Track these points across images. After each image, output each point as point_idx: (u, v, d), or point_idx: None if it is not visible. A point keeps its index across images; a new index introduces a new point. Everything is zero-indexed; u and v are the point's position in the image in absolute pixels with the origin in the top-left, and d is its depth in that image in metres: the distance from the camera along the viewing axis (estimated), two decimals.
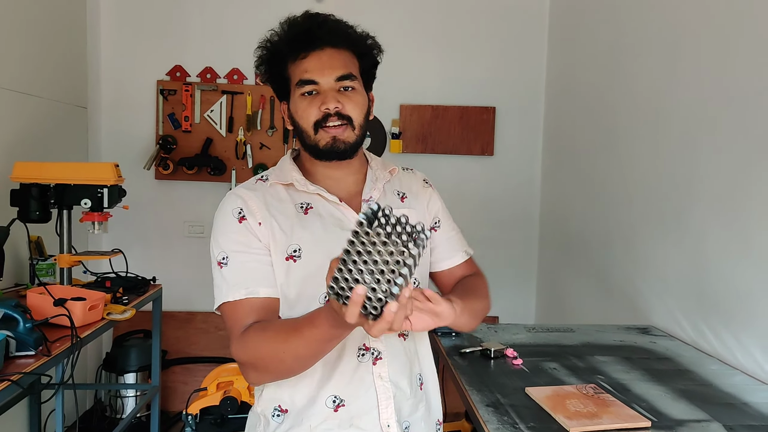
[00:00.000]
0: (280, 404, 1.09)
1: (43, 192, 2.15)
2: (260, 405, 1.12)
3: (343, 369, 1.07)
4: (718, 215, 1.77)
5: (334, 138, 1.07)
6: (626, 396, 1.41)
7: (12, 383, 1.44)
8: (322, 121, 1.06)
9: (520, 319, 3.32)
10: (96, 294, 1.98)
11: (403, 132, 3.28)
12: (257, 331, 1.00)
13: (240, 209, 1.08)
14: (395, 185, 1.20)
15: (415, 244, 0.75)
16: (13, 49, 2.43)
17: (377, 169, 1.18)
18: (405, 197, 1.20)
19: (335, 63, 1.07)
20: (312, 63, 1.06)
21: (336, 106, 1.05)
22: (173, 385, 3.24)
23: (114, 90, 3.22)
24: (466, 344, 1.76)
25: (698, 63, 1.89)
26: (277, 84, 1.13)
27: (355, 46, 1.11)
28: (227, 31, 3.21)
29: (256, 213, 1.08)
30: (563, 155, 3.09)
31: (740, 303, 1.67)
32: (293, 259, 1.06)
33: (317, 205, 1.11)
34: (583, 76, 2.85)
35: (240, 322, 1.02)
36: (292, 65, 1.09)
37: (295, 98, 1.09)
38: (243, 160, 3.24)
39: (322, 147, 1.08)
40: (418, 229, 0.76)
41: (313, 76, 1.06)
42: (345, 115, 1.07)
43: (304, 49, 1.07)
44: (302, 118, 1.08)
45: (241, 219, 1.08)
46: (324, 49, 1.07)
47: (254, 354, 0.99)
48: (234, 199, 1.10)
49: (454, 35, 3.29)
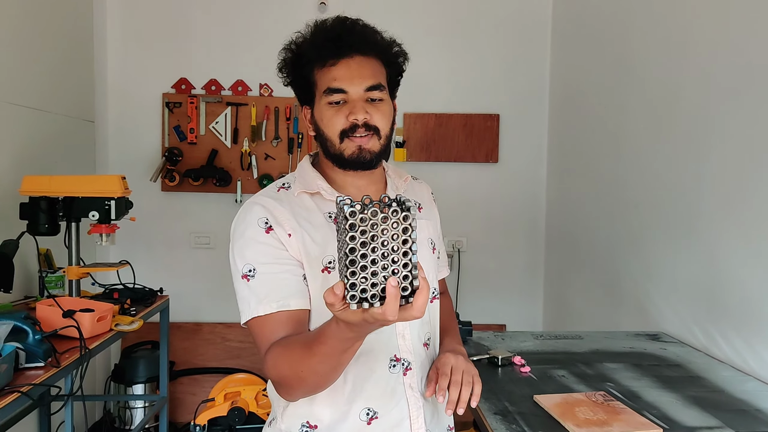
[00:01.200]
0: (309, 420, 1.05)
1: (51, 205, 2.17)
2: (284, 422, 1.08)
3: (376, 381, 1.05)
4: (728, 219, 1.76)
5: (360, 147, 1.04)
6: (637, 403, 1.39)
7: (22, 395, 1.44)
8: (349, 131, 1.04)
9: (528, 326, 3.30)
10: (104, 305, 1.99)
11: (407, 140, 3.29)
12: (279, 349, 0.96)
13: (266, 219, 1.04)
14: (410, 195, 1.20)
15: (409, 211, 0.71)
16: (22, 65, 2.46)
17: (395, 177, 1.18)
18: (421, 207, 1.20)
19: (365, 72, 1.05)
20: (341, 71, 1.04)
21: (365, 117, 1.04)
22: (181, 396, 3.24)
23: (120, 103, 3.25)
24: (473, 352, 1.75)
25: (706, 66, 1.89)
26: (301, 88, 1.10)
27: (383, 54, 1.09)
28: (231, 44, 3.24)
29: (284, 224, 1.04)
30: (568, 161, 3.08)
31: (752, 308, 1.66)
32: (328, 271, 1.03)
33: None
34: (587, 82, 2.85)
35: (269, 337, 0.98)
36: (319, 71, 1.06)
37: (321, 105, 1.06)
38: (248, 170, 3.25)
39: (348, 156, 1.05)
40: (401, 200, 0.72)
41: (342, 84, 1.04)
42: (372, 126, 1.05)
43: (333, 55, 1.04)
44: (328, 127, 1.06)
45: (268, 229, 1.03)
46: (353, 57, 1.04)
47: (278, 373, 0.95)
48: (258, 209, 1.05)
49: (457, 43, 3.31)
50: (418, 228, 1.03)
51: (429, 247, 1.16)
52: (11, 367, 1.49)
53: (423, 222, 1.16)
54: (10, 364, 1.48)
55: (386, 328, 0.91)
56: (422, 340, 1.11)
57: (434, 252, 1.18)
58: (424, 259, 1.11)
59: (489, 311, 3.33)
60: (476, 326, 1.95)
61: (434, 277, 1.18)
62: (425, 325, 1.12)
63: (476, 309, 3.25)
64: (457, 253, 3.32)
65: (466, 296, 3.32)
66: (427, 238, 1.17)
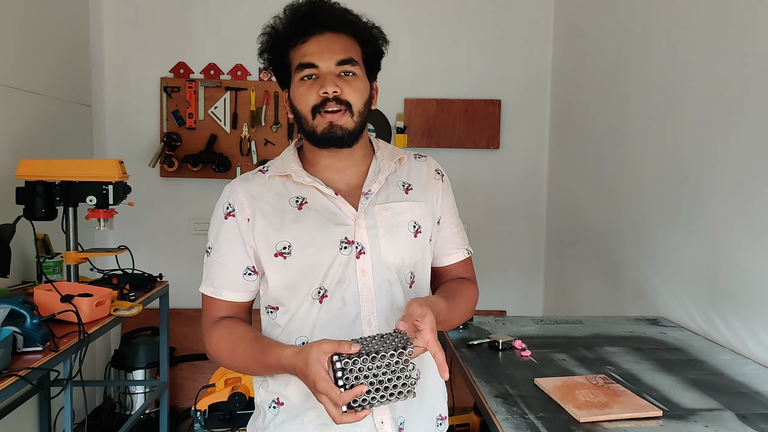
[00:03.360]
0: (278, 397, 1.10)
1: (48, 189, 2.15)
2: (259, 396, 1.15)
3: None
4: (729, 204, 1.75)
5: (331, 123, 1.04)
6: (636, 386, 1.39)
7: (20, 378, 1.44)
8: (320, 105, 1.04)
9: (528, 312, 3.30)
10: (103, 290, 1.98)
11: (408, 126, 3.26)
12: (225, 329, 1.09)
13: (229, 204, 1.10)
14: (401, 176, 1.16)
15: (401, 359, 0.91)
16: (17, 48, 2.43)
17: (383, 159, 1.14)
18: (410, 189, 1.15)
19: (335, 47, 1.05)
20: (311, 47, 1.05)
21: (335, 90, 1.03)
22: (181, 381, 3.25)
23: (118, 87, 3.22)
24: (473, 336, 1.75)
25: (710, 50, 1.87)
26: (279, 71, 1.12)
27: (356, 32, 1.08)
28: (230, 27, 3.20)
29: (245, 208, 1.09)
30: (570, 147, 3.06)
31: (751, 292, 1.65)
32: (282, 256, 1.06)
33: (312, 199, 1.09)
34: (590, 66, 2.82)
35: (210, 314, 1.12)
36: (292, 51, 1.07)
37: (295, 83, 1.07)
38: (248, 156, 3.23)
39: (320, 133, 1.05)
40: (401, 345, 0.91)
41: (312, 59, 1.04)
42: (344, 101, 1.04)
43: (304, 33, 1.05)
44: (300, 103, 1.06)
45: (228, 215, 1.10)
46: (324, 34, 1.05)
47: (215, 349, 1.09)
48: (228, 193, 1.12)
49: (459, 28, 3.27)
50: (398, 211, 1.11)
51: (408, 231, 1.11)
52: (9, 351, 1.48)
53: (406, 204, 1.12)
54: (8, 348, 1.48)
55: (352, 312, 1.07)
56: (391, 327, 1.08)
57: (417, 236, 1.12)
58: (400, 242, 1.10)
59: (490, 297, 3.32)
60: (477, 312, 1.93)
61: (416, 262, 1.12)
62: (395, 311, 1.08)
63: None
64: None
65: None
66: (409, 221, 1.11)
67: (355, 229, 1.07)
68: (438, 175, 1.21)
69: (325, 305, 1.07)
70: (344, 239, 1.07)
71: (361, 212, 1.09)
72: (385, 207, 1.11)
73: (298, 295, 1.07)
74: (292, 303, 1.08)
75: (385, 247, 1.08)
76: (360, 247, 1.07)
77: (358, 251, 1.07)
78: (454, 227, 1.22)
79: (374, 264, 1.08)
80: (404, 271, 1.11)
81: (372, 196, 1.10)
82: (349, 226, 1.08)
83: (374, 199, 1.10)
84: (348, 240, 1.07)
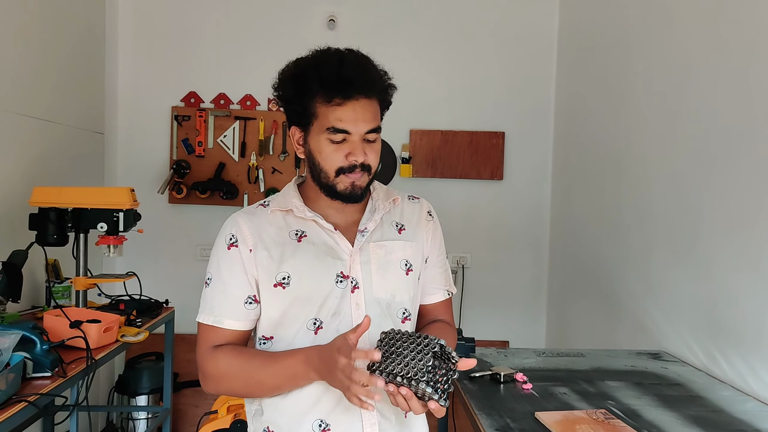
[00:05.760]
0: (269, 425, 1.14)
1: (60, 216, 2.20)
2: (253, 426, 1.18)
3: (331, 394, 1.09)
4: (729, 239, 1.78)
5: (353, 184, 1.11)
6: (637, 422, 1.40)
7: (29, 404, 1.46)
8: (347, 169, 1.10)
9: (530, 343, 3.30)
10: (110, 316, 2.01)
11: (413, 156, 3.32)
12: (232, 350, 1.11)
13: (232, 235, 1.14)
14: (395, 216, 1.22)
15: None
16: (33, 77, 2.51)
17: (378, 199, 1.21)
18: (403, 229, 1.22)
19: (368, 116, 1.10)
20: (347, 113, 1.08)
21: (363, 159, 1.10)
22: (184, 408, 3.24)
23: (130, 116, 3.30)
24: (475, 368, 1.76)
25: (709, 88, 1.92)
26: (296, 113, 1.13)
27: (382, 95, 1.14)
28: (240, 58, 3.29)
29: (248, 240, 1.13)
30: (573, 180, 3.10)
31: (752, 328, 1.66)
32: (282, 286, 1.11)
33: (312, 232, 1.15)
34: (592, 101, 2.88)
35: (206, 341, 1.14)
36: (322, 105, 1.09)
37: (321, 138, 1.10)
38: (255, 184, 3.28)
39: (340, 191, 1.11)
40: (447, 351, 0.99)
41: (347, 126, 1.08)
42: (366, 165, 1.11)
43: (340, 95, 1.07)
44: (326, 161, 1.10)
45: (231, 246, 1.14)
46: (359, 100, 1.08)
47: (224, 368, 1.10)
48: (231, 224, 1.16)
49: (464, 61, 3.35)
50: (391, 249, 1.18)
51: (400, 269, 1.18)
52: (19, 377, 1.50)
53: (399, 243, 1.19)
54: (18, 373, 1.50)
55: (342, 339, 1.06)
56: None
57: (408, 273, 1.18)
58: (391, 279, 1.16)
59: (492, 328, 3.33)
60: (479, 343, 1.96)
61: (409, 299, 1.19)
62: None
63: (479, 325, 3.26)
64: (461, 269, 3.33)
65: (469, 312, 3.33)
66: (401, 259, 1.18)
67: (350, 264, 1.14)
68: (430, 217, 1.27)
69: (320, 336, 1.11)
70: (340, 273, 1.13)
71: (357, 248, 1.15)
72: (379, 245, 1.17)
73: (293, 324, 1.12)
74: (288, 332, 1.13)
75: (377, 282, 1.15)
76: (354, 282, 1.13)
77: (353, 286, 1.13)
78: (438, 267, 1.28)
79: (367, 298, 1.14)
80: (395, 307, 1.17)
81: (368, 234, 1.16)
82: (345, 261, 1.14)
83: (369, 237, 1.17)
84: (343, 275, 1.13)
